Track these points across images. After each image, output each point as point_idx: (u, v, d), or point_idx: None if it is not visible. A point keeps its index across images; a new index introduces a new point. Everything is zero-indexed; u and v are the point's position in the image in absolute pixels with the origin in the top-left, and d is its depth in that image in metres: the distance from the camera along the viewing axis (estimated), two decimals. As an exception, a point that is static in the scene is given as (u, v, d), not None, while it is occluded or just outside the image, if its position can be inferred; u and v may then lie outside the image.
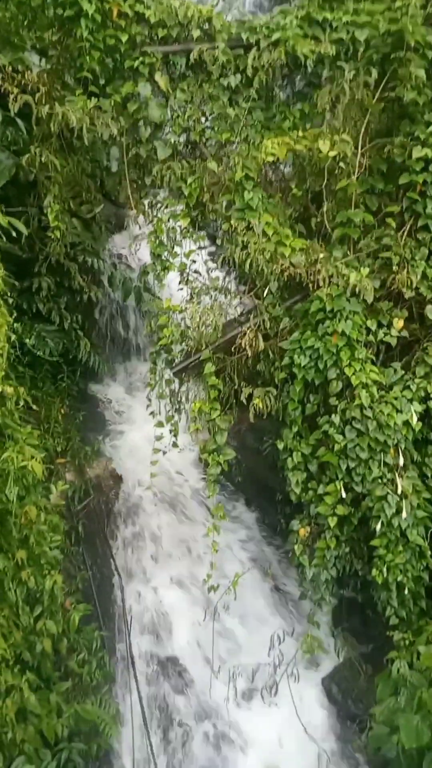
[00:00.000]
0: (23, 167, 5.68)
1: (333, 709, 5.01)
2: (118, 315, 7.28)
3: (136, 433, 6.67)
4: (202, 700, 5.07)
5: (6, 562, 4.36)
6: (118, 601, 5.51)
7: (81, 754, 4.53)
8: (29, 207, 6.10)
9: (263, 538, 6.20)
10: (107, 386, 7.28)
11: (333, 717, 4.95)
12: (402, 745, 3.43)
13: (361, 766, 4.57)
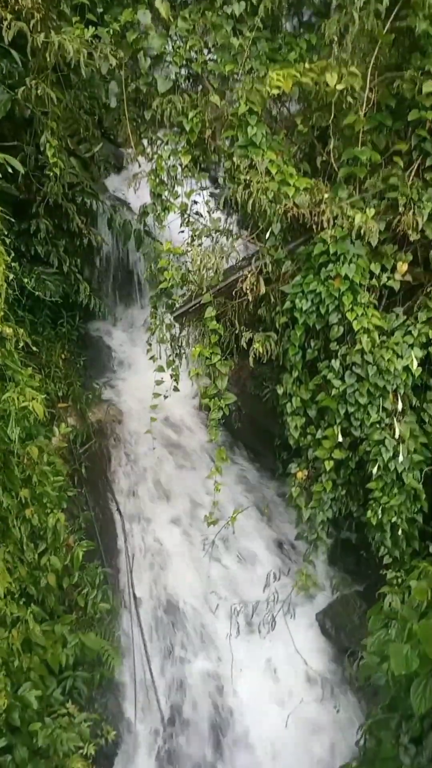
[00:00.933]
0: (19, 102, 5.47)
1: (326, 642, 5.23)
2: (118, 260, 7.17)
3: (136, 379, 6.70)
4: (200, 632, 5.29)
5: (10, 500, 4.47)
6: (120, 539, 5.67)
7: (85, 682, 4.77)
8: (26, 145, 5.92)
9: (261, 481, 6.32)
10: (108, 332, 7.25)
11: (326, 649, 5.18)
12: (391, 673, 3.58)
13: (353, 693, 4.83)
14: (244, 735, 4.84)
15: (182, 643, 5.21)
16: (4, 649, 4.27)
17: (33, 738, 4.23)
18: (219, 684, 5.02)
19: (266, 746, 4.77)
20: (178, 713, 4.93)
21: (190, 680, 5.05)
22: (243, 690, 5.00)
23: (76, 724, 4.42)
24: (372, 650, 3.89)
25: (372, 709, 4.24)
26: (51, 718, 4.38)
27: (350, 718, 4.83)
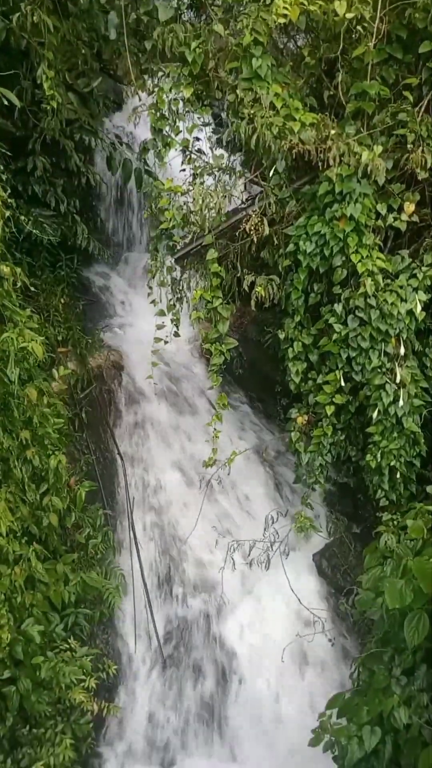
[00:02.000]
0: (14, 32, 5.21)
1: (322, 581, 5.35)
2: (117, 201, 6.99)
3: (137, 324, 6.63)
4: (198, 572, 5.40)
5: (10, 441, 4.49)
6: (121, 482, 5.73)
7: (86, 619, 4.90)
8: (22, 79, 5.68)
9: (262, 427, 6.34)
10: (107, 277, 7.13)
11: (322, 588, 5.31)
12: (385, 607, 3.66)
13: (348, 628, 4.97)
14: (241, 668, 5.00)
15: (181, 582, 5.33)
16: (7, 586, 4.36)
17: (36, 671, 4.37)
18: (217, 620, 5.15)
19: (263, 679, 4.94)
20: (176, 648, 5.08)
21: (188, 617, 5.19)
22: (240, 626, 5.13)
23: (78, 658, 4.55)
24: (367, 586, 3.96)
25: (366, 643, 4.36)
26: (53, 653, 4.52)
27: (344, 652, 4.98)
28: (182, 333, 5.65)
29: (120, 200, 7.10)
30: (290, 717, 4.82)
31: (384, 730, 3.63)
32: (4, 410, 4.49)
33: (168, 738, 4.86)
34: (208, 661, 5.04)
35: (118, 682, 4.97)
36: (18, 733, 4.22)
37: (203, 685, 4.98)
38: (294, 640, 4.87)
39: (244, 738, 4.87)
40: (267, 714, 4.87)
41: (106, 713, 4.69)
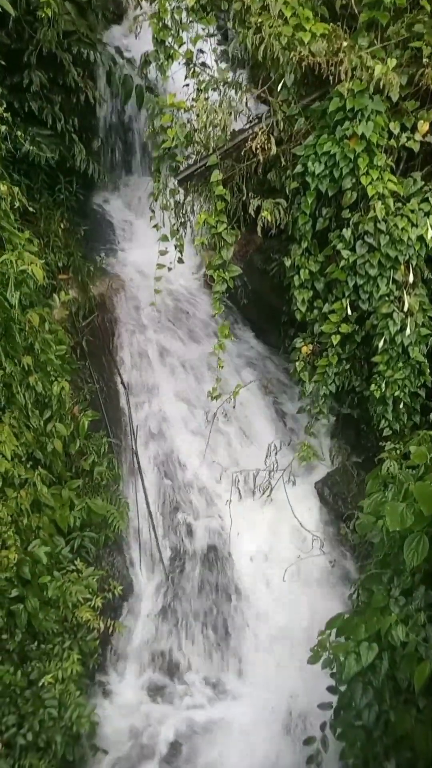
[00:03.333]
0: None
1: (324, 508, 5.43)
2: (118, 120, 6.67)
3: (139, 251, 6.46)
4: (201, 498, 5.47)
5: (12, 366, 4.45)
6: (125, 411, 5.73)
7: (92, 542, 5.00)
8: (15, -14, 5.29)
9: (266, 358, 6.28)
10: (108, 201, 6.90)
11: (324, 514, 5.39)
12: (386, 530, 3.72)
13: (348, 552, 5.09)
14: (243, 588, 5.14)
15: (184, 508, 5.41)
16: (13, 508, 4.43)
17: (43, 590, 4.48)
18: (220, 543, 5.27)
19: (265, 597, 5.08)
20: (180, 570, 5.21)
21: (191, 541, 5.29)
22: (243, 549, 5.25)
23: (84, 577, 4.68)
24: (368, 511, 4.01)
25: (365, 566, 4.46)
26: (60, 573, 4.64)
27: (344, 575, 5.12)
28: (186, 262, 5.51)
29: (121, 120, 6.76)
30: (292, 635, 4.99)
31: (381, 646, 3.75)
32: (5, 336, 4.42)
33: (173, 654, 5.05)
34: (212, 582, 5.18)
35: (123, 601, 5.12)
36: (27, 649, 4.37)
37: (207, 605, 5.13)
38: (295, 561, 4.99)
39: (246, 655, 5.06)
40: (269, 632, 5.04)
41: (112, 631, 4.89)
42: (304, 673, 4.65)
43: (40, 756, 4.05)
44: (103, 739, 4.48)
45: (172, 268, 5.36)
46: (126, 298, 6.22)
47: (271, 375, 6.13)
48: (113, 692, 4.82)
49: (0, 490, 4.34)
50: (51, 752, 4.07)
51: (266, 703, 4.68)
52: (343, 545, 5.24)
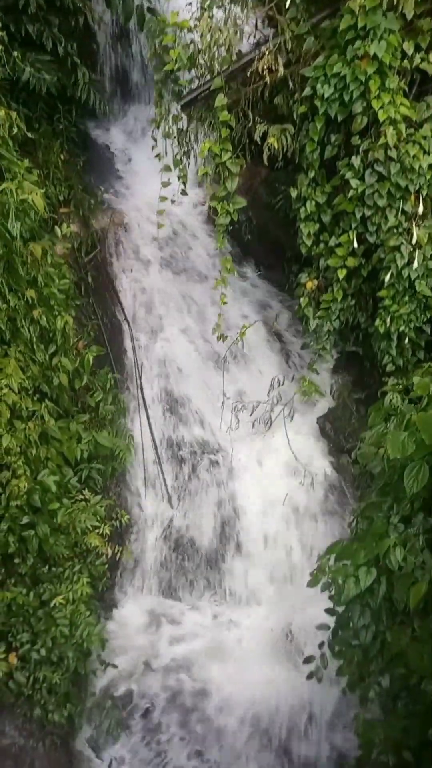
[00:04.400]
0: None
1: (324, 442, 5.51)
2: (118, 45, 6.36)
3: (141, 184, 6.30)
4: (205, 431, 5.56)
5: (16, 300, 4.44)
6: (129, 348, 5.74)
7: (99, 474, 5.13)
8: None
9: (270, 295, 6.23)
10: (109, 132, 6.68)
11: (324, 448, 5.47)
12: (387, 458, 3.78)
13: (348, 484, 5.20)
14: (245, 516, 5.29)
15: (188, 441, 5.51)
16: (22, 439, 4.53)
17: (53, 517, 4.65)
18: (222, 474, 5.39)
19: (266, 526, 5.23)
20: (184, 501, 5.35)
21: (195, 472, 5.41)
22: (244, 478, 5.37)
23: (92, 505, 4.83)
24: (370, 442, 4.06)
25: (365, 496, 4.55)
26: (69, 501, 4.79)
27: (344, 506, 5.24)
28: (190, 197, 5.36)
29: (121, 46, 6.45)
30: (291, 562, 5.17)
31: (379, 571, 3.88)
32: (8, 269, 4.39)
33: (177, 578, 5.26)
34: (215, 511, 5.32)
35: (130, 529, 5.29)
36: (39, 572, 4.57)
37: (210, 534, 5.29)
38: (296, 489, 5.11)
39: (248, 581, 5.26)
40: (269, 559, 5.21)
41: (119, 556, 5.08)
42: (303, 597, 4.86)
43: (53, 669, 4.30)
44: (112, 655, 4.73)
45: (175, 201, 5.24)
46: (128, 233, 6.10)
47: (276, 312, 6.10)
48: (121, 613, 5.05)
49: (8, 422, 4.42)
50: (63, 666, 4.32)
51: (266, 624, 4.90)
52: (343, 478, 5.35)
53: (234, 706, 4.52)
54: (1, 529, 4.40)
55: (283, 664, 4.70)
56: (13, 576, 4.49)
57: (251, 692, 4.54)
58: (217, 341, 5.44)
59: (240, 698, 4.52)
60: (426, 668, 3.59)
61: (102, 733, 4.45)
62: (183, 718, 4.54)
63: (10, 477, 4.43)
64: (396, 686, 3.94)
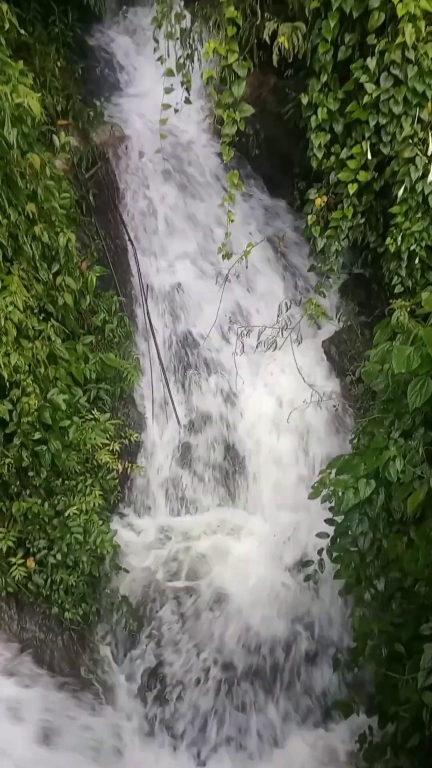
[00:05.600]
0: None
1: (329, 365, 5.54)
2: None
3: (143, 94, 5.98)
4: (211, 355, 5.58)
5: (16, 215, 4.35)
6: (133, 270, 5.66)
7: (108, 394, 5.21)
8: None
9: (277, 214, 6.05)
10: (108, 37, 6.27)
11: (329, 371, 5.51)
12: (392, 373, 3.81)
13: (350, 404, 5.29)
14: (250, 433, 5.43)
15: (194, 364, 5.55)
16: (30, 358, 4.58)
17: (64, 435, 4.77)
18: (228, 395, 5.47)
19: (271, 443, 5.37)
20: (191, 419, 5.47)
21: (202, 394, 5.50)
22: (249, 400, 5.46)
23: (101, 423, 4.95)
24: (375, 359, 4.09)
25: (367, 414, 4.64)
26: (79, 420, 4.91)
27: (346, 426, 5.36)
28: (194, 109, 5.06)
29: None
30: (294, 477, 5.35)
31: (378, 482, 4.02)
32: (6, 182, 4.27)
33: (186, 495, 5.47)
34: (222, 430, 5.45)
35: (139, 448, 5.45)
36: (53, 485, 4.76)
37: (217, 452, 5.44)
38: (300, 407, 5.21)
39: (254, 496, 5.44)
40: (274, 474, 5.39)
41: (129, 472, 5.27)
42: (305, 511, 5.08)
43: (69, 572, 4.58)
44: (124, 561, 5.01)
45: (178, 110, 4.99)
46: (130, 147, 5.85)
47: (283, 232, 5.94)
48: (132, 524, 5.30)
49: (15, 341, 4.45)
50: (78, 570, 4.59)
51: (269, 533, 5.14)
52: (346, 399, 5.43)
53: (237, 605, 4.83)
54: (15, 444, 4.56)
55: (284, 567, 4.97)
56: (29, 488, 4.69)
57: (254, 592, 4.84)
58: (223, 260, 5.35)
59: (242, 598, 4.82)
60: (420, 572, 3.78)
61: (116, 629, 4.78)
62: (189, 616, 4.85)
63: (20, 395, 4.53)
64: (391, 589, 4.17)
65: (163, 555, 5.13)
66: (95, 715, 4.33)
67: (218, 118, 4.81)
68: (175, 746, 4.44)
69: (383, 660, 3.88)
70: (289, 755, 4.45)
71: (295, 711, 4.61)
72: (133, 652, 4.70)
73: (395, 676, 3.64)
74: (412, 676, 3.56)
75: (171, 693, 4.55)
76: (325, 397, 5.29)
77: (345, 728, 4.52)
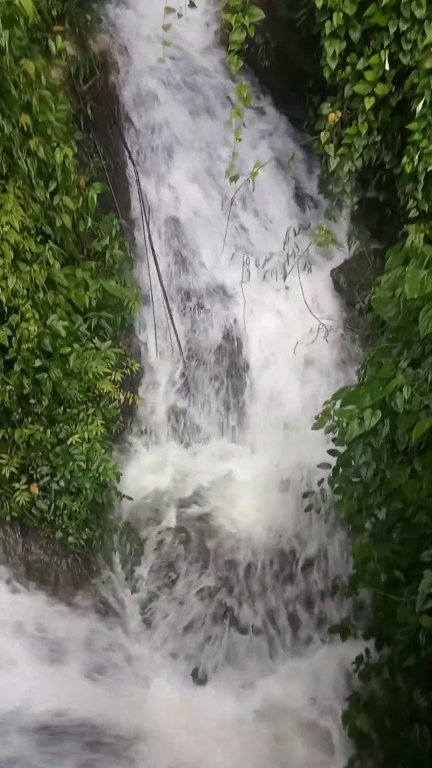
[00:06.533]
0: None
1: (338, 295, 5.39)
2: None
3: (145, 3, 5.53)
4: (215, 282, 5.42)
5: (10, 127, 4.09)
6: (134, 191, 5.42)
7: (108, 323, 5.08)
8: None
9: (287, 133, 5.72)
10: None
11: (337, 301, 5.37)
12: (403, 298, 3.68)
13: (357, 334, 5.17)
14: (254, 366, 5.34)
15: (197, 292, 5.39)
16: (28, 282, 4.45)
17: (65, 363, 4.70)
18: (232, 325, 5.35)
19: (275, 375, 5.30)
20: (194, 349, 5.37)
21: (205, 323, 5.38)
22: (255, 330, 5.34)
23: (103, 351, 4.86)
24: (386, 285, 3.94)
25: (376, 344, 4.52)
26: (80, 347, 4.81)
27: (353, 359, 5.26)
28: (201, 15, 4.65)
29: None
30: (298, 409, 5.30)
31: (384, 412, 3.97)
32: (0, 92, 4.00)
33: (188, 425, 5.45)
34: (225, 361, 5.36)
35: (140, 378, 5.39)
36: (55, 413, 4.73)
37: (219, 382, 5.37)
38: (305, 339, 5.10)
39: (256, 427, 5.42)
40: (278, 406, 5.34)
41: (131, 402, 5.22)
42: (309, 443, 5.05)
43: (73, 499, 4.62)
44: (126, 490, 5.05)
45: (182, 15, 4.61)
46: (130, 57, 5.45)
47: (293, 152, 5.62)
48: (134, 452, 5.31)
49: (12, 263, 4.30)
50: (82, 496, 4.63)
51: (271, 463, 5.15)
52: (354, 331, 5.31)
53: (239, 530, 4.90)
54: (15, 371, 4.49)
55: (286, 496, 5.01)
56: (30, 415, 4.66)
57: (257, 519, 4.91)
58: (230, 183, 5.09)
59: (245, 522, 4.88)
60: (422, 501, 3.79)
61: (120, 553, 4.88)
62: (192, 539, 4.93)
63: (20, 320, 4.42)
64: (392, 519, 4.20)
65: (165, 483, 5.17)
66: (100, 626, 4.46)
67: (225, 23, 4.45)
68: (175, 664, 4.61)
69: (382, 585, 3.96)
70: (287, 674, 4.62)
71: (294, 633, 4.77)
72: (136, 574, 4.81)
73: (394, 599, 3.71)
74: (410, 600, 3.63)
75: (172, 612, 4.68)
76: (332, 329, 5.16)
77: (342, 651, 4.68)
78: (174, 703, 4.30)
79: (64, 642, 4.27)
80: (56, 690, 4.03)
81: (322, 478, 4.50)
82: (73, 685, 4.10)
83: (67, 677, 4.13)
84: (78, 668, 4.20)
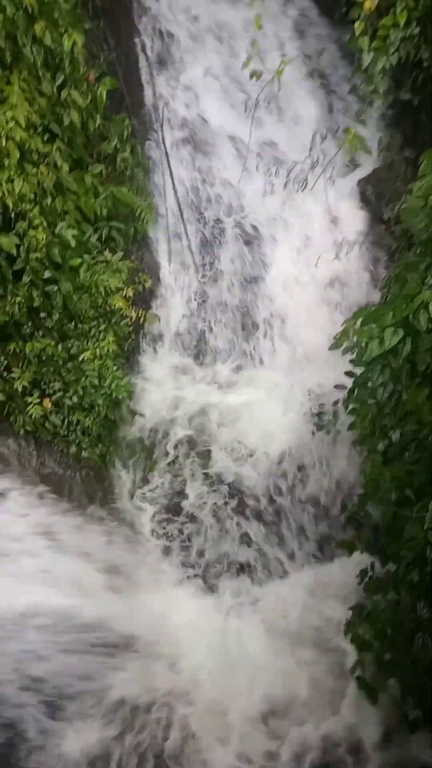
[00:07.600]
0: None
1: (365, 209, 5.06)
2: None
3: None
4: (234, 193, 5.11)
5: (13, 9, 3.75)
6: (148, 90, 5.01)
7: (120, 234, 4.85)
8: None
9: (316, 24, 5.19)
10: None
11: (363, 215, 5.04)
12: (437, 207, 3.42)
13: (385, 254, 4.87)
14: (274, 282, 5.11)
15: (214, 203, 5.09)
16: (36, 186, 4.21)
17: (75, 276, 4.54)
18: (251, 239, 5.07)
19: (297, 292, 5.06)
20: (210, 265, 5.14)
21: (223, 237, 5.11)
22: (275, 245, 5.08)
23: (114, 263, 4.67)
24: (419, 194, 3.66)
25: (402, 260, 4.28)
26: (90, 259, 4.62)
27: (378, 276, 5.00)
28: None
29: None
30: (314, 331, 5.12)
31: (406, 331, 3.80)
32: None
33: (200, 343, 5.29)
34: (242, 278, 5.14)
35: (153, 295, 5.20)
36: (66, 328, 4.62)
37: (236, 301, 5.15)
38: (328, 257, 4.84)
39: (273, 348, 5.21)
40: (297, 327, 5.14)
41: (143, 320, 5.07)
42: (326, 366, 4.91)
43: (85, 414, 4.58)
44: (139, 407, 5.00)
45: None
46: None
47: (322, 46, 5.11)
48: (147, 371, 5.19)
49: (18, 164, 4.04)
50: (94, 412, 4.59)
51: (284, 384, 5.04)
52: (380, 247, 5.02)
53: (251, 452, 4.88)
54: (24, 282, 4.35)
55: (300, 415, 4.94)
56: (41, 329, 4.56)
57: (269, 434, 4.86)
58: (250, 79, 4.66)
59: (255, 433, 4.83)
60: (438, 422, 3.71)
61: (133, 468, 4.90)
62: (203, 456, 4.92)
63: (27, 228, 4.22)
64: (405, 440, 4.13)
65: (178, 401, 5.10)
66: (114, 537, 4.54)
67: None
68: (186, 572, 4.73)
69: (392, 503, 3.96)
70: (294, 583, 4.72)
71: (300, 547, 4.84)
72: (149, 486, 4.84)
73: (404, 515, 3.71)
74: (420, 516, 3.63)
75: (184, 526, 4.75)
76: (357, 243, 4.88)
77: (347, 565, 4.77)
78: (187, 607, 4.42)
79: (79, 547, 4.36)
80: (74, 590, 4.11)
81: (337, 399, 4.41)
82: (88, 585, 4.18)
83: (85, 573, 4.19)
84: (96, 567, 4.30)
